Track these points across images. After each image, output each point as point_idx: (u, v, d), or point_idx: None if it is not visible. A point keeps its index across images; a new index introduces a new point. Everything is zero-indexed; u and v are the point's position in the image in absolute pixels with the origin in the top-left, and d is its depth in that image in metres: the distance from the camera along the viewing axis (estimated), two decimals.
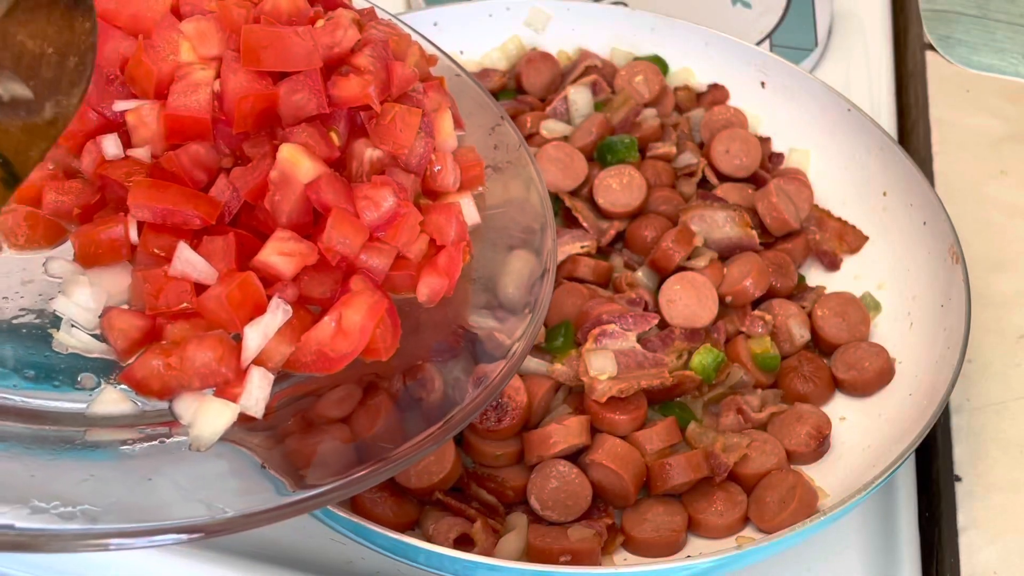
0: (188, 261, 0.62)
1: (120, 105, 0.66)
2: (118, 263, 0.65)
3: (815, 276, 0.95)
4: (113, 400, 0.64)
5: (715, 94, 1.05)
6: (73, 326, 0.65)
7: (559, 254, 0.89)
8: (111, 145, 0.65)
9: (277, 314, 0.63)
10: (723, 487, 0.79)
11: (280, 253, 0.63)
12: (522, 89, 1.05)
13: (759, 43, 1.15)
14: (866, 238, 0.96)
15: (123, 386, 0.64)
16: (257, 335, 0.62)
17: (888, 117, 1.12)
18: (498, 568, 0.71)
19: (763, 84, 1.04)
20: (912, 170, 0.93)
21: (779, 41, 1.16)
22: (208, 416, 0.62)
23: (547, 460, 0.78)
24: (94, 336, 0.65)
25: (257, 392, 0.62)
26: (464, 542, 0.75)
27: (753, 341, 0.87)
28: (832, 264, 0.95)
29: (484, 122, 0.84)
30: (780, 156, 1.02)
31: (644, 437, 0.80)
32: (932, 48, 1.16)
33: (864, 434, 0.83)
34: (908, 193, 0.93)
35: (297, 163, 0.64)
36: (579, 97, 1.00)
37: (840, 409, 0.86)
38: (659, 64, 1.05)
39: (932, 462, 0.90)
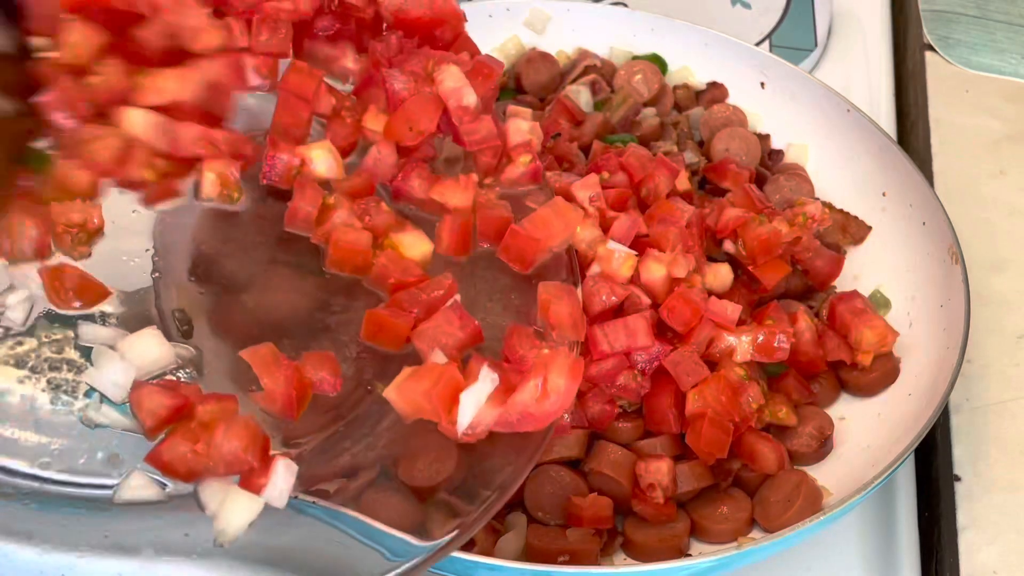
0: None
1: None
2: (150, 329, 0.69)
3: None
4: (140, 485, 0.65)
5: (714, 92, 1.04)
6: (102, 401, 0.66)
7: None
8: None
9: (487, 383, 0.66)
10: (728, 494, 0.79)
11: None
12: (521, 89, 1.05)
13: (759, 43, 1.15)
14: (869, 228, 0.95)
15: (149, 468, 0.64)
16: (471, 402, 0.65)
17: (887, 117, 1.12)
18: (498, 568, 0.70)
19: (763, 85, 1.04)
20: (911, 170, 0.93)
21: (779, 41, 1.16)
22: (234, 511, 0.63)
23: (544, 465, 0.77)
24: (121, 410, 0.67)
25: (281, 484, 0.64)
26: None
27: None
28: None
29: None
30: (780, 153, 1.02)
31: (648, 446, 0.79)
32: (932, 48, 1.16)
33: (864, 434, 0.83)
34: (907, 193, 0.93)
35: None
36: (578, 96, 1.00)
37: (840, 409, 0.86)
38: (658, 63, 1.05)
39: (932, 462, 0.90)
